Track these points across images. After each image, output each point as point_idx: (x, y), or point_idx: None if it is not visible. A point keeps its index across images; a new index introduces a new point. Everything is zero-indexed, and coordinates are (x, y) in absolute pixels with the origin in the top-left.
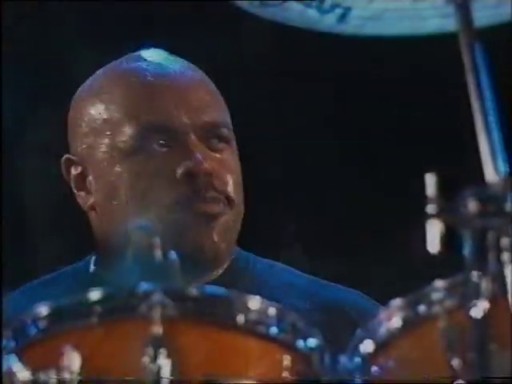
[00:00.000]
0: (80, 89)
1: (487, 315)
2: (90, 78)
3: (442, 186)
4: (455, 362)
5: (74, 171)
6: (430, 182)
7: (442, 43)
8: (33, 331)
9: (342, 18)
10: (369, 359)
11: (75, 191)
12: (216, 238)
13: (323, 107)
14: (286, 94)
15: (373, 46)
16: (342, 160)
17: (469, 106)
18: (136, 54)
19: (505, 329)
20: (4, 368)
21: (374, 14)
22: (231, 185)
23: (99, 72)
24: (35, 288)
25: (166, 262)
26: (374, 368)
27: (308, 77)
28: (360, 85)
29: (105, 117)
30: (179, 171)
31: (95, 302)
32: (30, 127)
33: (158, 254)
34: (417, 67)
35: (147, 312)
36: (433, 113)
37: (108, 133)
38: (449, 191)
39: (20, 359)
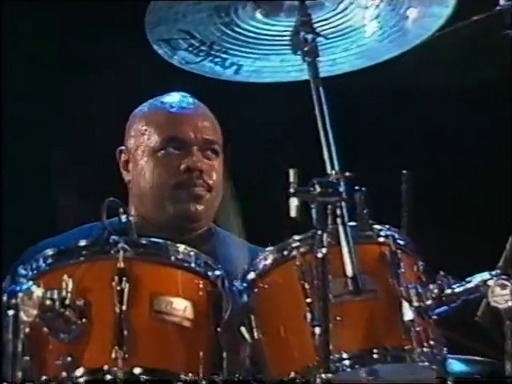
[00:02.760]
0: (135, 110)
1: (326, 257)
2: (142, 105)
3: (299, 176)
4: (307, 286)
5: (123, 157)
6: (292, 174)
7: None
8: (43, 265)
9: (237, 71)
10: (251, 284)
11: (121, 170)
12: (200, 210)
13: None
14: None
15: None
16: None
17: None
18: (165, 95)
19: (337, 264)
20: (24, 288)
21: (257, 69)
22: (213, 179)
23: (146, 103)
24: (80, 232)
25: (127, 223)
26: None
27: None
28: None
29: (145, 129)
30: (182, 166)
31: (83, 247)
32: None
33: (122, 219)
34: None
35: (115, 254)
36: (295, 134)
37: (145, 138)
38: (303, 180)
39: (34, 283)
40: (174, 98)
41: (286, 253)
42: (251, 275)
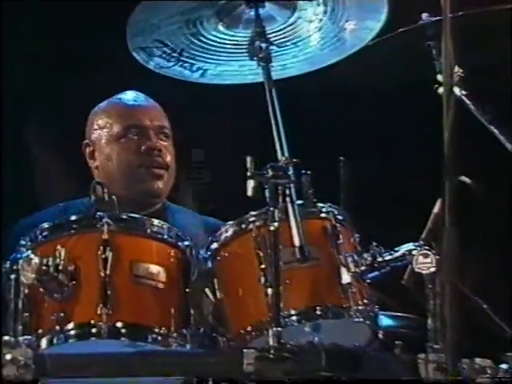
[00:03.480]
0: (94, 108)
1: (277, 230)
2: (100, 104)
3: (255, 163)
4: (261, 254)
5: (88, 150)
6: (248, 161)
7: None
8: (39, 237)
9: (202, 75)
10: (214, 253)
11: (88, 159)
12: (161, 188)
13: None
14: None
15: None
16: None
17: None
18: (120, 93)
19: (286, 236)
20: (23, 256)
21: (219, 72)
22: (169, 158)
23: (105, 101)
24: (53, 210)
25: (111, 201)
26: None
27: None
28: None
29: (106, 121)
30: (143, 147)
31: (73, 221)
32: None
33: (105, 197)
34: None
35: (100, 227)
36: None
37: (108, 129)
38: (258, 165)
39: (33, 252)
40: (128, 94)
41: (243, 226)
42: (214, 245)
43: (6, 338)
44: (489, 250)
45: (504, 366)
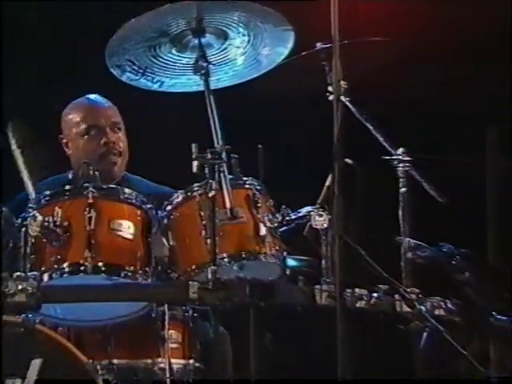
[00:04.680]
0: (65, 109)
1: (214, 196)
2: (69, 104)
3: (199, 148)
4: (202, 214)
5: (64, 141)
6: (193, 147)
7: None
8: (42, 201)
9: (160, 85)
10: (169, 213)
11: (64, 148)
12: (116, 171)
13: None
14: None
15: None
16: None
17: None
18: (86, 96)
19: (220, 201)
20: (31, 215)
21: (173, 84)
22: (121, 146)
23: (73, 102)
24: (46, 183)
25: (95, 176)
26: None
27: None
28: None
29: (74, 120)
30: (102, 141)
31: (67, 190)
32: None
33: (91, 173)
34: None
35: (87, 194)
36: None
37: (75, 127)
38: (201, 150)
39: (37, 212)
40: (91, 96)
41: (189, 194)
42: (169, 207)
43: (18, 273)
44: (365, 211)
45: (375, 294)
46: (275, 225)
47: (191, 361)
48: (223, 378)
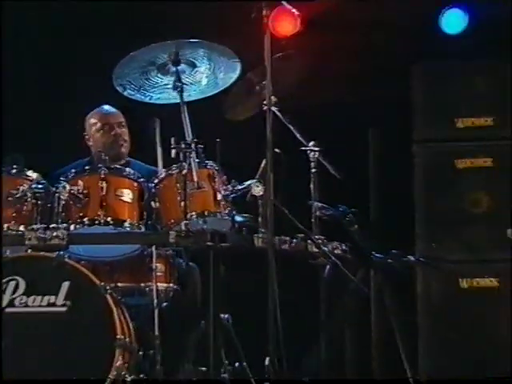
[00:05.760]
0: (88, 115)
1: (186, 174)
2: (90, 112)
3: (176, 141)
4: (178, 186)
5: (86, 136)
6: (173, 140)
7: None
8: (70, 176)
9: (150, 99)
10: (156, 185)
11: (87, 142)
12: (122, 152)
13: None
14: None
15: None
16: None
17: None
18: (101, 106)
19: (190, 177)
20: (61, 186)
21: (159, 97)
22: (126, 137)
23: (93, 111)
24: (75, 164)
25: (106, 160)
26: None
27: None
28: None
29: (92, 122)
30: (112, 133)
31: (87, 169)
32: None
33: (103, 157)
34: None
35: (100, 171)
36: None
37: (94, 126)
38: (178, 143)
39: (67, 183)
40: (105, 106)
41: (170, 172)
42: (156, 180)
43: (53, 225)
44: (288, 184)
45: (295, 240)
46: (227, 193)
47: (171, 284)
48: (194, 298)
